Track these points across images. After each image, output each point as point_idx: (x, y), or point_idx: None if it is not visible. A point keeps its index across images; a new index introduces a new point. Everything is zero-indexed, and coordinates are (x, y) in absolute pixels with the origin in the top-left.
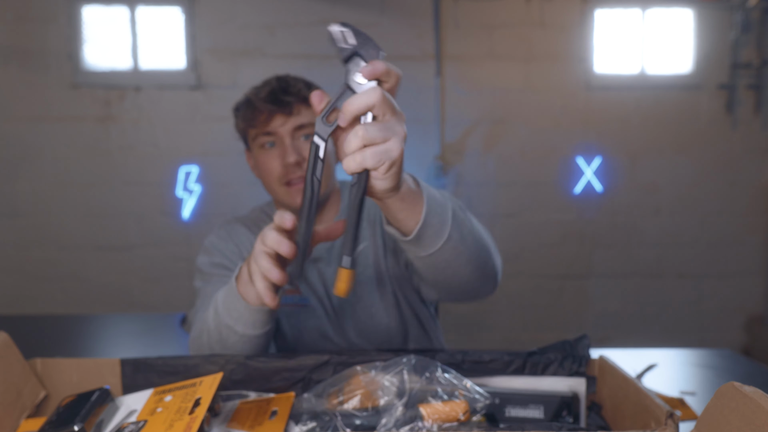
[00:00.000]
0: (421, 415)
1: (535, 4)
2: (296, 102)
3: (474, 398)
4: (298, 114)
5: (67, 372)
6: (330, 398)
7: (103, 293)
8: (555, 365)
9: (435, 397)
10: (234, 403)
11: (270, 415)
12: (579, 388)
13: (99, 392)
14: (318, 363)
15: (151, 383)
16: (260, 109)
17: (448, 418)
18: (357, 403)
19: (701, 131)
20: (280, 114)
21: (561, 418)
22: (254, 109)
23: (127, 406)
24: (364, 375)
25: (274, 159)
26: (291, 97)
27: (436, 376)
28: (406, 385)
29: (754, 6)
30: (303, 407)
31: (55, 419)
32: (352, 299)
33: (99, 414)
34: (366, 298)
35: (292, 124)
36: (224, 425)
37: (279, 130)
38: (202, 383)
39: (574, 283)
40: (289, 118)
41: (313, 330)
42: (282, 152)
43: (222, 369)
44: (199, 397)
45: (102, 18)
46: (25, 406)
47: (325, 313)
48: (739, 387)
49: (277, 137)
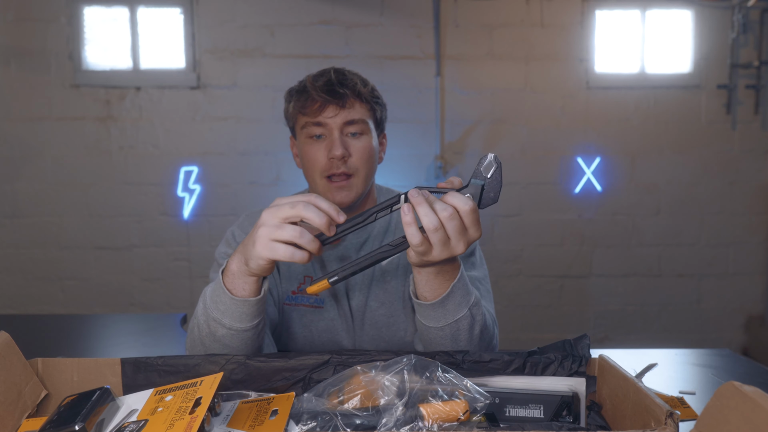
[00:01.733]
0: (421, 415)
1: (535, 4)
2: (351, 96)
3: (474, 398)
4: (350, 108)
5: (67, 372)
6: (330, 398)
7: (103, 293)
8: (555, 365)
9: (435, 396)
10: (234, 403)
11: (270, 415)
12: (579, 388)
13: (100, 392)
14: (318, 363)
15: (152, 383)
16: (314, 98)
17: (449, 418)
18: (357, 402)
19: (701, 131)
20: (334, 105)
21: (561, 417)
22: (308, 97)
23: (127, 405)
24: (365, 375)
25: (319, 150)
26: (347, 90)
27: (437, 375)
28: (407, 385)
29: (754, 6)
30: (303, 407)
31: (56, 419)
32: (374, 305)
33: (100, 413)
34: (389, 306)
35: (342, 118)
36: (224, 425)
37: (329, 122)
38: (203, 383)
39: (574, 283)
40: (342, 111)
41: (324, 332)
42: (329, 145)
43: (222, 369)
44: (200, 397)
45: (102, 18)
46: (26, 406)
47: (340, 316)
48: (738, 386)
49: (326, 129)
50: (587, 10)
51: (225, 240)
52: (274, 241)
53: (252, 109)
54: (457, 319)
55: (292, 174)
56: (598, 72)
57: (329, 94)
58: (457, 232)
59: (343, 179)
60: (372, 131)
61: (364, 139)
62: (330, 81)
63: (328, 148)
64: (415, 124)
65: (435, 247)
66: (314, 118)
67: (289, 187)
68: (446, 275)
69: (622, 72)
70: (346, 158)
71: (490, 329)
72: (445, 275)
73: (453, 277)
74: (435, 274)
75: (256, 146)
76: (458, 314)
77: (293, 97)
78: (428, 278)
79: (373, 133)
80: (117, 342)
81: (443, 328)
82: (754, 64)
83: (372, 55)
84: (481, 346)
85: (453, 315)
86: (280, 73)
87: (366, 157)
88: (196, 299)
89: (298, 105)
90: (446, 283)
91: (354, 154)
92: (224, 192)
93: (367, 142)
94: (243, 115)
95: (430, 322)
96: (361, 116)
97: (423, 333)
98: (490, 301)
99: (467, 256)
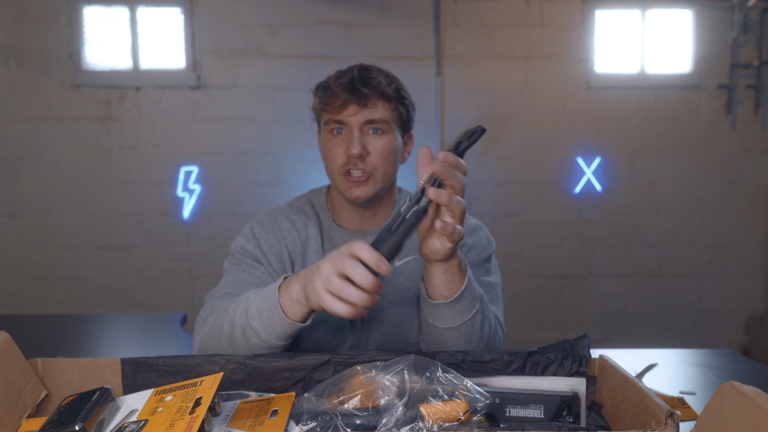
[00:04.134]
0: (421, 415)
1: (535, 4)
2: (373, 95)
3: (474, 398)
4: (372, 108)
5: (67, 372)
6: (330, 398)
7: (103, 293)
8: (555, 365)
9: (435, 396)
10: (234, 403)
11: (270, 415)
12: (579, 388)
13: (100, 392)
14: (318, 363)
15: (152, 383)
16: (337, 96)
17: (449, 418)
18: (357, 402)
19: (701, 131)
20: (354, 104)
21: (561, 417)
22: (331, 94)
23: (127, 405)
24: (365, 375)
25: (338, 147)
26: (369, 89)
27: (437, 375)
28: (407, 385)
29: (754, 6)
30: (303, 407)
31: (56, 419)
32: (385, 304)
33: (100, 413)
34: (399, 308)
35: (363, 117)
36: (225, 425)
37: (349, 120)
38: (203, 383)
39: (574, 283)
40: (363, 110)
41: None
42: (348, 141)
43: (222, 369)
44: (200, 397)
45: (102, 18)
46: (26, 406)
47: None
48: (738, 387)
49: (346, 126)
50: (587, 10)
51: (243, 234)
52: (336, 297)
53: (252, 109)
54: (472, 316)
55: (292, 174)
56: (598, 72)
57: (351, 92)
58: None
59: (360, 176)
60: (395, 130)
61: (385, 138)
62: (353, 79)
63: (347, 145)
64: (415, 123)
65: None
66: (335, 115)
67: (289, 187)
68: (454, 270)
69: (622, 72)
70: (364, 156)
71: (493, 327)
72: (452, 270)
73: (461, 272)
74: (444, 270)
75: (256, 146)
76: (473, 310)
77: (319, 93)
78: (441, 275)
79: (396, 132)
80: (117, 342)
81: (459, 327)
82: (754, 64)
83: (372, 55)
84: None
85: (469, 311)
86: (280, 73)
87: (385, 155)
88: (196, 299)
89: (322, 101)
90: (458, 277)
91: (373, 152)
92: (224, 192)
93: (388, 140)
94: (243, 115)
95: (446, 322)
96: (383, 116)
97: (435, 336)
98: (500, 307)
99: (484, 262)
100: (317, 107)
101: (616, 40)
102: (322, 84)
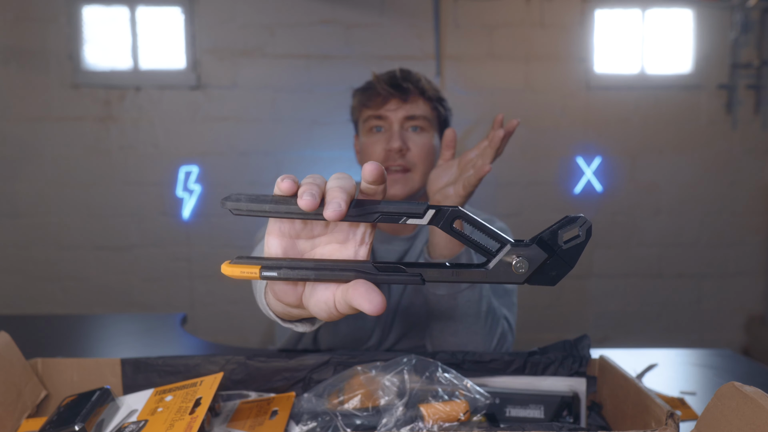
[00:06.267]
0: (421, 415)
1: (535, 4)
2: (414, 92)
3: (474, 398)
4: (413, 104)
5: (67, 372)
6: (330, 398)
7: (103, 293)
8: (555, 365)
9: (435, 397)
10: (234, 403)
11: (270, 415)
12: (579, 388)
13: (100, 392)
14: (318, 363)
15: (152, 383)
16: (378, 91)
17: (449, 418)
18: (357, 403)
19: (701, 131)
20: (396, 99)
21: (561, 418)
22: (372, 91)
23: (127, 405)
24: (365, 375)
25: (378, 143)
26: (410, 84)
27: (437, 376)
28: (407, 385)
29: (754, 6)
30: (303, 407)
31: (55, 419)
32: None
33: (100, 414)
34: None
35: (404, 112)
36: (225, 425)
37: (390, 115)
38: (203, 383)
39: (574, 283)
40: (403, 105)
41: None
42: (388, 137)
43: (222, 369)
44: (200, 397)
45: (102, 18)
46: (26, 406)
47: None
48: (739, 387)
49: (386, 122)
50: (587, 9)
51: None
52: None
53: (252, 109)
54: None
55: (292, 174)
56: (598, 72)
57: (393, 87)
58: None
59: (399, 172)
60: (434, 130)
61: (424, 136)
62: (395, 76)
63: (387, 140)
64: None
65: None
66: (376, 110)
67: None
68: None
69: (622, 72)
70: (404, 151)
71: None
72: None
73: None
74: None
75: (256, 146)
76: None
77: (359, 93)
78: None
79: (435, 132)
80: (117, 342)
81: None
82: (755, 64)
83: (372, 55)
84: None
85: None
86: (280, 73)
87: (425, 153)
88: (196, 299)
89: (363, 99)
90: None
91: (413, 148)
92: (224, 192)
93: (428, 138)
94: (243, 115)
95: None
96: (423, 113)
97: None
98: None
99: None
100: (357, 106)
101: (616, 40)
102: (363, 86)
